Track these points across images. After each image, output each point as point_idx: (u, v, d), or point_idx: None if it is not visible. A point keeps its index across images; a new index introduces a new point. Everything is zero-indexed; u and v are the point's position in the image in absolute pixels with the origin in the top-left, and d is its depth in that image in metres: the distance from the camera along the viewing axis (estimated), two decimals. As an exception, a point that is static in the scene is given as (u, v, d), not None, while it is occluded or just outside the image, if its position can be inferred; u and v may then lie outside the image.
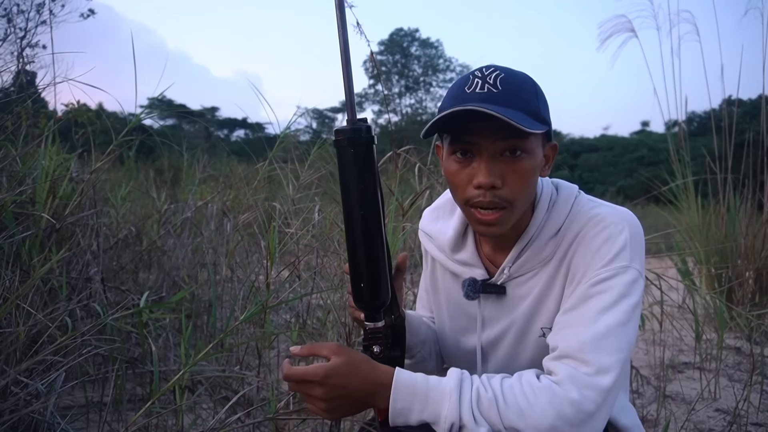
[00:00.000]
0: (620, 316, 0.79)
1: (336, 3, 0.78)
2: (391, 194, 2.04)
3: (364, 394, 0.76)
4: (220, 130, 25.51)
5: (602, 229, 0.84)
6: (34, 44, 3.20)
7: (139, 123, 1.94)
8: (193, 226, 2.57)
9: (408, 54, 37.10)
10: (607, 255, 0.82)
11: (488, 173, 0.81)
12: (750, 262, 2.99)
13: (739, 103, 3.56)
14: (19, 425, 1.22)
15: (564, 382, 0.74)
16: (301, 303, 2.16)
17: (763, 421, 1.82)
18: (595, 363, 0.75)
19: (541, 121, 0.82)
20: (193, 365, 1.15)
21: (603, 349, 0.76)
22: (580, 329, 0.79)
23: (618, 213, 0.87)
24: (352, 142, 0.77)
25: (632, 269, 0.82)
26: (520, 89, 0.82)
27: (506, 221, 0.84)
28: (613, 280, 0.81)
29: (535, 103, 0.83)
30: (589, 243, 0.85)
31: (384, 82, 23.97)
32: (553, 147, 0.90)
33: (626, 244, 0.83)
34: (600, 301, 0.80)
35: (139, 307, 1.44)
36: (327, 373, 0.75)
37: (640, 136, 26.55)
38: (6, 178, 1.85)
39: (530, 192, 0.86)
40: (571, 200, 0.91)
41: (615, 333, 0.77)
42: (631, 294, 0.81)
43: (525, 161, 0.82)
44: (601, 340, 0.77)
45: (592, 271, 0.82)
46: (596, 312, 0.79)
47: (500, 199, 0.82)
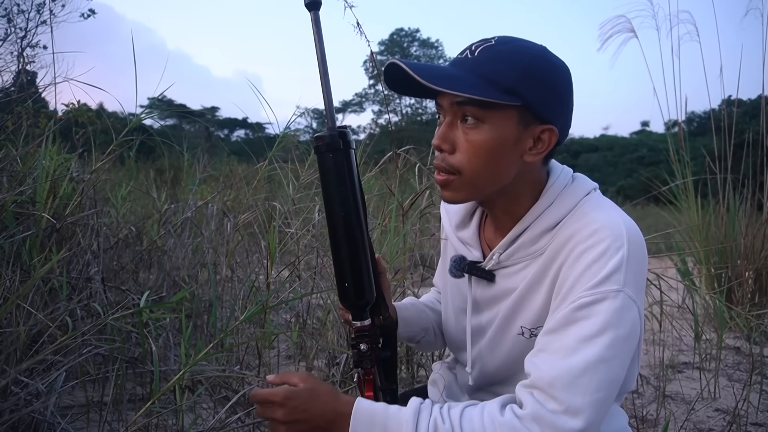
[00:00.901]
0: (602, 352, 0.70)
1: (312, 18, 0.82)
2: (390, 194, 2.04)
3: (325, 421, 0.75)
4: (221, 130, 25.53)
5: (597, 241, 0.76)
6: (35, 44, 3.21)
7: (140, 123, 1.94)
8: (193, 226, 2.57)
9: (408, 54, 37.10)
10: (596, 275, 0.74)
11: (437, 136, 0.82)
12: (750, 262, 2.99)
13: (739, 103, 3.56)
14: (19, 425, 1.22)
15: (527, 418, 0.70)
16: (301, 303, 2.16)
17: (762, 421, 1.82)
18: (564, 402, 0.69)
19: (508, 93, 0.76)
20: (193, 365, 1.15)
21: (576, 388, 0.69)
22: (555, 359, 0.72)
23: (620, 226, 0.77)
24: (330, 148, 0.81)
25: (623, 295, 0.73)
26: (498, 59, 0.78)
27: (457, 189, 0.82)
28: (599, 306, 0.72)
29: (511, 75, 0.76)
30: (580, 255, 0.77)
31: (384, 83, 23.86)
32: (548, 130, 0.80)
33: (621, 265, 0.73)
34: (582, 328, 0.72)
35: (139, 307, 1.44)
36: (288, 395, 0.75)
37: (640, 136, 26.57)
38: (6, 178, 1.86)
39: (487, 166, 0.80)
40: (579, 197, 0.84)
41: (594, 370, 0.70)
42: (619, 324, 0.72)
43: (479, 131, 0.78)
44: (576, 378, 0.70)
45: (578, 290, 0.74)
46: (576, 341, 0.72)
47: (447, 164, 0.81)
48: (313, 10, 0.82)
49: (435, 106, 0.85)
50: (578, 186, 0.86)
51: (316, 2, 0.82)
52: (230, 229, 2.42)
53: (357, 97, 35.38)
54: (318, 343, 1.93)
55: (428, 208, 2.14)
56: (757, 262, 2.96)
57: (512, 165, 0.81)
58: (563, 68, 0.82)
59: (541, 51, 0.81)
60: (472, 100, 0.76)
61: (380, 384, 0.88)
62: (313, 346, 1.94)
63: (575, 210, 0.83)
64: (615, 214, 0.80)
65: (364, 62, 31.17)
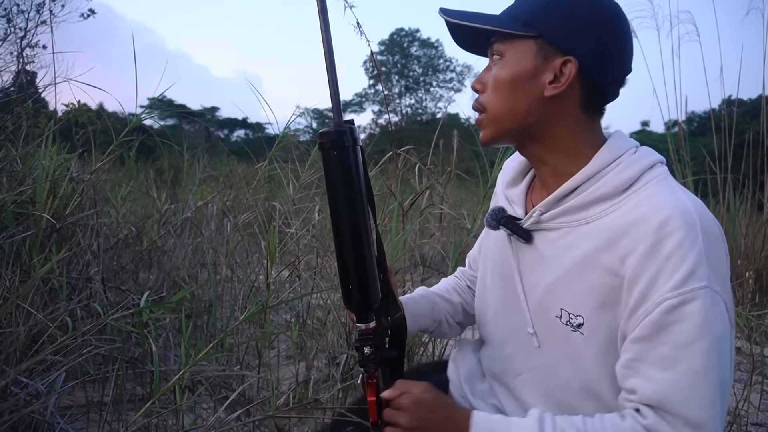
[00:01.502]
0: (705, 358, 0.67)
1: (318, 6, 0.78)
2: (391, 194, 2.04)
3: (448, 426, 0.77)
4: (220, 130, 25.51)
5: (670, 232, 0.69)
6: (34, 44, 3.21)
7: (140, 123, 1.94)
8: (193, 226, 2.57)
9: (408, 54, 37.10)
10: (677, 271, 0.68)
11: (477, 77, 0.84)
12: (750, 262, 2.99)
13: (739, 103, 3.56)
14: (19, 425, 1.22)
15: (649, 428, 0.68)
16: (301, 303, 2.16)
17: (763, 421, 1.82)
18: (682, 417, 0.67)
19: (524, 25, 0.77)
20: (193, 365, 1.15)
21: (690, 402, 0.66)
22: (657, 371, 0.69)
23: (692, 213, 0.70)
24: (336, 145, 0.77)
25: (710, 291, 0.68)
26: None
27: (485, 127, 0.82)
28: (689, 307, 0.67)
29: (531, 8, 0.77)
30: (652, 248, 0.70)
31: (384, 82, 23.92)
32: (567, 61, 0.75)
33: (701, 258, 0.68)
34: (677, 335, 0.67)
35: (139, 307, 1.44)
36: (416, 401, 0.78)
37: (640, 136, 26.48)
38: (6, 178, 1.86)
39: (506, 100, 0.79)
40: (643, 168, 0.76)
41: (703, 379, 0.66)
42: (714, 324, 0.67)
43: (499, 66, 0.79)
44: (685, 391, 0.67)
45: (660, 290, 0.69)
46: (674, 349, 0.67)
47: (477, 103, 0.83)
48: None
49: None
50: (642, 155, 0.78)
51: None
52: (230, 229, 2.42)
53: (357, 97, 35.37)
54: (318, 343, 1.93)
55: (428, 208, 2.14)
56: (757, 262, 2.96)
57: (533, 100, 0.78)
58: (602, 3, 0.78)
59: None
60: (499, 35, 0.79)
61: (383, 386, 0.86)
62: (313, 346, 1.94)
63: (639, 186, 0.75)
64: (685, 198, 0.73)
65: (364, 62, 31.17)
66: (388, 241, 1.92)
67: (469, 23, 0.79)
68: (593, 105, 0.80)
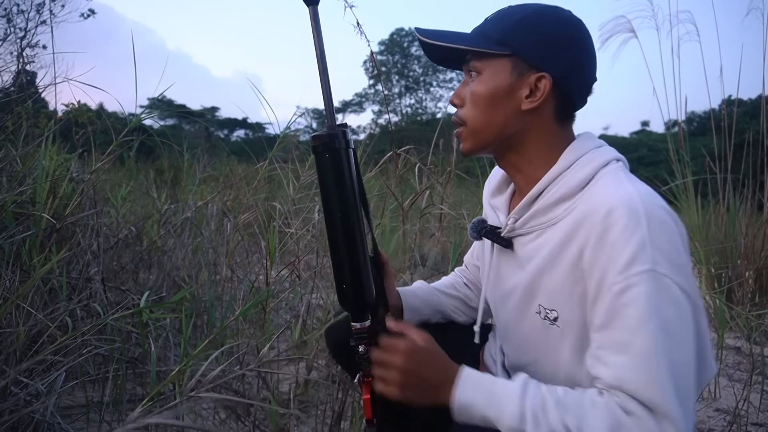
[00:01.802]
0: (655, 339, 0.68)
1: (310, 14, 0.82)
2: (391, 194, 2.04)
3: (435, 380, 0.79)
4: (220, 130, 25.50)
5: (614, 221, 0.73)
6: (34, 44, 3.21)
7: (140, 123, 1.94)
8: (193, 226, 2.57)
9: (408, 54, 37.12)
10: (621, 257, 0.71)
11: (454, 94, 0.89)
12: (750, 262, 2.99)
13: (739, 103, 3.56)
14: (19, 425, 1.22)
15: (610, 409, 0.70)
16: (301, 303, 2.16)
17: (763, 421, 1.82)
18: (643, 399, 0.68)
19: (497, 44, 0.82)
20: (190, 360, 1.15)
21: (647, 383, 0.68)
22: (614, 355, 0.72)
23: (635, 202, 0.73)
24: (328, 148, 0.80)
25: (655, 274, 0.70)
26: (498, 17, 0.85)
27: (465, 139, 0.88)
28: (634, 291, 0.70)
29: (503, 28, 0.83)
30: (600, 237, 0.73)
31: (384, 82, 23.94)
32: (542, 77, 0.81)
33: (644, 243, 0.70)
34: (627, 319, 0.70)
35: (139, 307, 1.44)
36: (413, 347, 0.80)
37: (640, 136, 26.51)
38: (6, 178, 1.86)
39: (484, 114, 0.84)
40: (597, 166, 0.81)
41: (655, 358, 0.68)
42: (662, 306, 0.70)
43: (476, 82, 0.85)
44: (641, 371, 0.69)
45: (609, 277, 0.72)
46: (626, 333, 0.70)
47: (457, 117, 0.88)
48: (312, 5, 0.82)
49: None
50: (598, 155, 0.82)
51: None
52: (230, 229, 2.42)
53: (357, 97, 35.40)
54: (318, 343, 1.93)
55: (428, 208, 2.14)
56: (757, 262, 2.96)
57: (511, 114, 0.84)
58: (567, 22, 0.84)
59: (543, 7, 0.84)
60: (473, 55, 0.85)
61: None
62: (313, 346, 1.94)
63: (592, 182, 0.80)
64: (631, 189, 0.75)
65: (364, 62, 31.21)
66: (381, 240, 1.92)
67: (448, 44, 0.84)
68: (564, 114, 0.86)
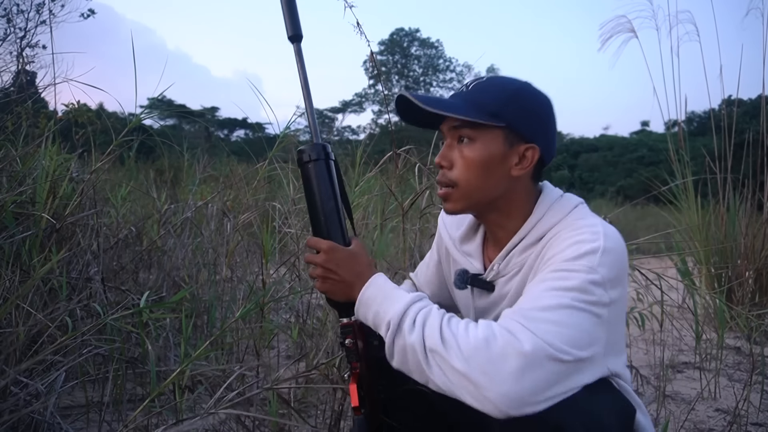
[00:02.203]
0: (569, 302, 0.79)
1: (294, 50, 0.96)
2: (390, 194, 2.04)
3: (350, 279, 0.90)
4: (220, 130, 25.51)
5: (576, 233, 0.87)
6: (34, 44, 3.21)
7: (140, 123, 1.94)
8: (193, 226, 2.57)
9: (408, 54, 37.10)
10: (572, 254, 0.84)
11: (440, 155, 0.96)
12: (750, 262, 2.99)
13: (739, 103, 3.56)
14: (19, 425, 1.22)
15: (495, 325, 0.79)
16: (301, 303, 2.16)
17: (763, 421, 1.82)
18: (525, 324, 0.77)
19: (492, 116, 0.91)
20: (191, 362, 1.15)
21: (539, 321, 0.77)
22: (528, 298, 0.82)
23: (599, 228, 0.87)
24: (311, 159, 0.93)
25: (595, 274, 0.81)
26: (485, 90, 0.94)
27: (455, 200, 0.96)
28: (572, 274, 0.81)
29: (495, 102, 0.92)
30: (560, 241, 0.88)
31: (384, 82, 23.88)
32: (531, 148, 0.93)
33: (596, 251, 0.83)
34: (554, 282, 0.81)
35: (139, 307, 1.44)
36: (333, 247, 0.92)
37: (640, 136, 26.53)
38: (6, 178, 1.86)
39: (479, 178, 0.93)
40: (567, 210, 0.94)
41: (557, 310, 0.78)
42: (587, 292, 0.80)
43: (470, 149, 0.93)
44: (541, 311, 0.78)
45: (555, 263, 0.84)
46: (547, 289, 0.81)
47: (447, 178, 0.96)
48: (296, 43, 0.96)
49: (440, 133, 0.99)
50: (566, 201, 0.96)
51: (299, 36, 0.96)
52: (230, 229, 2.42)
53: (357, 97, 35.35)
54: (318, 343, 1.93)
55: (428, 208, 2.14)
56: (757, 262, 2.96)
57: (501, 178, 0.94)
58: (544, 99, 0.97)
59: (524, 84, 0.96)
60: (465, 122, 0.92)
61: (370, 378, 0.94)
62: (313, 346, 1.94)
63: (562, 221, 0.93)
64: (597, 221, 0.90)
65: (364, 62, 31.20)
66: (385, 239, 1.91)
67: (448, 113, 0.91)
68: (539, 174, 0.99)
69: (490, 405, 0.73)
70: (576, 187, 18.90)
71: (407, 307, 0.83)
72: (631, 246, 2.80)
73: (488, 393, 0.73)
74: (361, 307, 0.89)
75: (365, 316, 0.88)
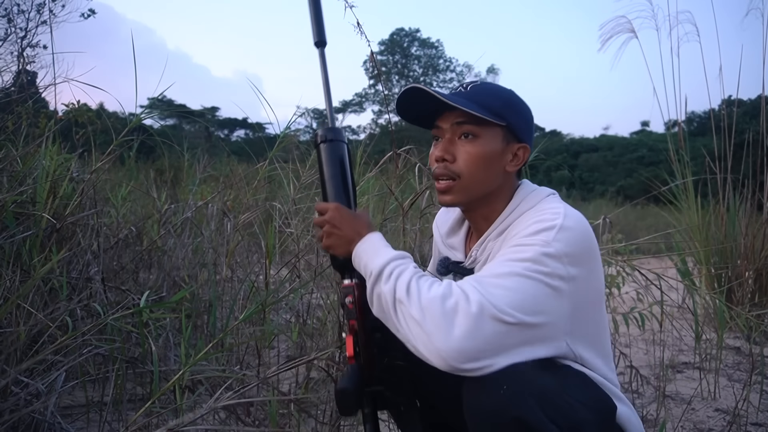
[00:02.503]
0: (522, 270, 0.84)
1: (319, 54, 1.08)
2: (390, 194, 2.04)
3: (351, 235, 0.98)
4: (221, 130, 25.50)
5: (537, 214, 0.94)
6: (35, 44, 3.21)
7: (140, 123, 1.94)
8: (193, 226, 2.57)
9: (408, 54, 37.10)
10: (531, 230, 0.90)
11: (442, 149, 1.02)
12: (750, 262, 2.99)
13: (739, 103, 3.56)
14: (19, 425, 1.22)
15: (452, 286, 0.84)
16: (301, 303, 2.16)
17: (762, 421, 1.82)
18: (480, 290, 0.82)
19: (497, 116, 0.99)
20: (192, 365, 1.15)
21: (494, 287, 0.83)
22: (486, 268, 0.89)
23: (561, 210, 0.93)
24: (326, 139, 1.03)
25: (551, 247, 0.86)
26: (486, 93, 1.01)
27: (456, 192, 1.02)
28: (529, 247, 0.87)
29: (498, 104, 1.00)
30: (522, 223, 0.96)
31: (384, 82, 23.88)
32: (523, 147, 1.03)
33: (553, 227, 0.89)
34: (510, 254, 0.88)
35: (139, 307, 1.44)
36: (339, 207, 1.01)
37: (640, 136, 26.52)
38: (6, 178, 1.86)
39: (481, 172, 1.00)
40: (537, 200, 1.01)
41: (511, 277, 0.84)
42: (542, 263, 0.85)
43: (475, 144, 1.00)
44: (496, 278, 0.84)
45: (516, 239, 0.91)
46: (504, 260, 0.87)
47: (450, 171, 1.01)
48: (320, 48, 1.06)
49: (432, 131, 1.05)
50: (538, 192, 1.04)
51: (323, 42, 1.06)
52: (230, 229, 2.42)
53: (357, 97, 35.33)
54: (318, 343, 1.93)
55: (428, 208, 2.14)
56: (757, 262, 2.96)
57: (497, 173, 1.02)
58: (528, 107, 1.06)
59: (513, 91, 1.05)
60: (470, 119, 0.98)
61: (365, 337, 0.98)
62: (313, 346, 1.94)
63: (533, 207, 1.00)
64: (562, 205, 0.96)
65: (364, 62, 31.21)
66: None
67: (463, 107, 0.96)
68: (521, 171, 1.09)
69: (438, 356, 0.80)
70: (576, 187, 18.87)
71: (389, 261, 0.91)
72: (631, 246, 2.81)
73: (437, 344, 0.79)
74: (356, 259, 0.97)
75: (358, 266, 0.96)
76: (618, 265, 2.29)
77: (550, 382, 0.82)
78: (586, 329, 0.92)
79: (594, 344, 0.94)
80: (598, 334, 0.96)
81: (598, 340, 0.96)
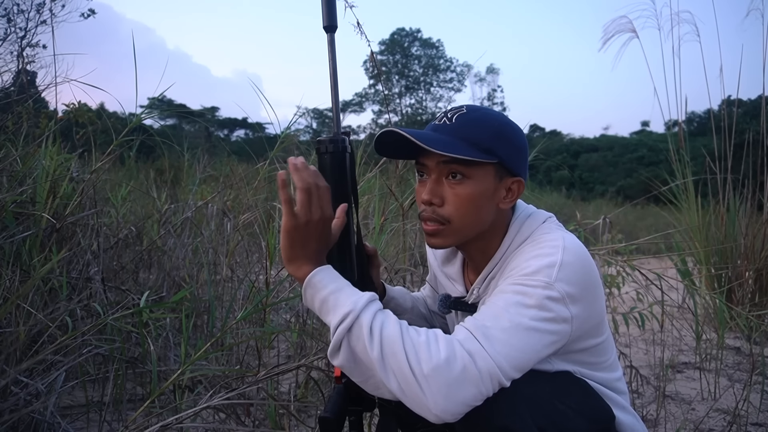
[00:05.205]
0: (526, 321, 0.80)
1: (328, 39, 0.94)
2: (391, 194, 2.04)
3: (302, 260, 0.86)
4: (221, 130, 25.46)
5: (536, 247, 0.89)
6: (35, 44, 3.21)
7: (140, 123, 1.94)
8: (193, 226, 2.57)
9: (408, 54, 37.10)
10: (530, 267, 0.85)
11: (429, 191, 0.93)
12: (750, 262, 2.99)
13: (739, 103, 3.56)
14: (19, 425, 1.22)
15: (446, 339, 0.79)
16: (301, 303, 2.16)
17: (763, 421, 1.82)
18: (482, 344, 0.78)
19: (486, 153, 0.90)
20: (190, 364, 1.15)
21: (495, 340, 0.78)
22: (485, 311, 0.83)
23: (559, 241, 0.89)
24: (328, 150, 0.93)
25: (554, 290, 0.82)
26: (474, 125, 0.92)
27: (446, 236, 0.95)
28: (531, 289, 0.83)
29: (487, 138, 0.91)
30: (521, 254, 0.91)
31: (384, 82, 23.84)
32: (517, 182, 0.96)
33: (554, 264, 0.85)
34: (512, 297, 0.83)
35: (139, 307, 1.44)
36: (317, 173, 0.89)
37: (640, 136, 26.53)
38: (6, 178, 1.86)
39: (472, 215, 0.93)
40: (534, 227, 0.97)
41: (515, 330, 0.79)
42: (546, 308, 0.82)
43: (464, 186, 0.92)
44: (497, 330, 0.79)
45: (514, 277, 0.86)
46: (506, 305, 0.82)
47: (438, 215, 0.94)
48: (330, 33, 0.94)
49: (416, 165, 0.97)
50: (533, 220, 0.98)
51: (334, 26, 0.94)
52: (230, 229, 2.42)
53: (357, 97, 35.35)
54: (318, 344, 1.93)
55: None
56: (757, 262, 2.96)
57: (490, 212, 0.95)
58: (522, 132, 0.98)
59: (504, 117, 0.96)
60: (459, 159, 0.89)
61: None
62: (313, 346, 1.94)
63: (530, 236, 0.96)
64: (559, 234, 0.92)
65: (364, 62, 31.19)
66: (385, 240, 1.91)
67: (443, 152, 0.87)
68: (516, 203, 1.01)
69: (431, 415, 0.76)
70: (576, 187, 18.87)
71: (364, 306, 0.81)
72: (631, 246, 2.81)
73: (436, 409, 0.75)
74: (307, 290, 0.85)
75: (311, 301, 0.85)
76: (618, 265, 2.29)
77: (543, 389, 0.83)
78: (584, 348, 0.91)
79: (593, 357, 0.93)
80: (596, 352, 0.94)
81: (597, 353, 0.95)
